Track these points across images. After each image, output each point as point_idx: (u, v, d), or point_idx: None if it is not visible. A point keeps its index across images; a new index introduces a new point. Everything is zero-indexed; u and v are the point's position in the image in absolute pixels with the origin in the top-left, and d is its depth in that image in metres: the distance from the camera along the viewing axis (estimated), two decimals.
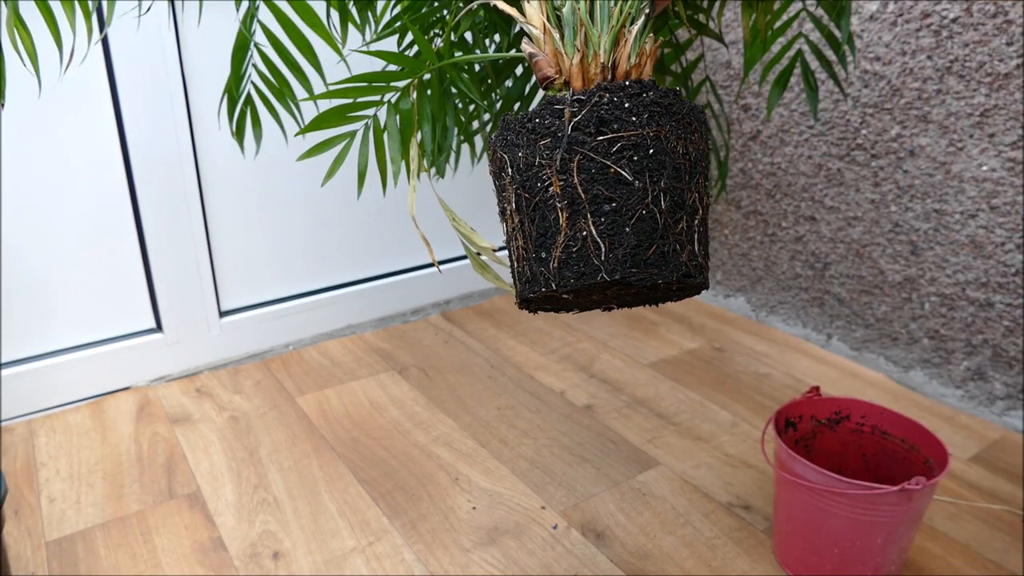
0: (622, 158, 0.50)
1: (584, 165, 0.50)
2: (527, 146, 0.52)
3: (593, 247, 0.50)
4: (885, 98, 1.19)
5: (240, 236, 1.34)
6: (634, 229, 0.50)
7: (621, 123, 0.50)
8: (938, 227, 1.17)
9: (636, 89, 0.51)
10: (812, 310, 1.41)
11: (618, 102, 0.50)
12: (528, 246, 0.53)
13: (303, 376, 1.31)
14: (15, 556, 0.90)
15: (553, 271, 0.51)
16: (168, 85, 1.17)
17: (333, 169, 0.69)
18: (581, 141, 0.50)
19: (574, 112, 0.50)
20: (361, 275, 1.50)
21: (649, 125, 0.50)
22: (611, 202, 0.50)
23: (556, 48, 0.54)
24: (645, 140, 0.50)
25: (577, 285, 0.50)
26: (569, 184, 0.50)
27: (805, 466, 0.78)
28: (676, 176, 0.51)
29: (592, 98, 0.50)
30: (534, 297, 0.54)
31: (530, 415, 1.19)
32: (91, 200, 1.18)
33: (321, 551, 0.91)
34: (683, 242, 0.51)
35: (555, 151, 0.50)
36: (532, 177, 0.51)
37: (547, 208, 0.51)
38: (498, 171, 0.55)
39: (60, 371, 1.20)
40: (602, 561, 0.89)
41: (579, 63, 0.53)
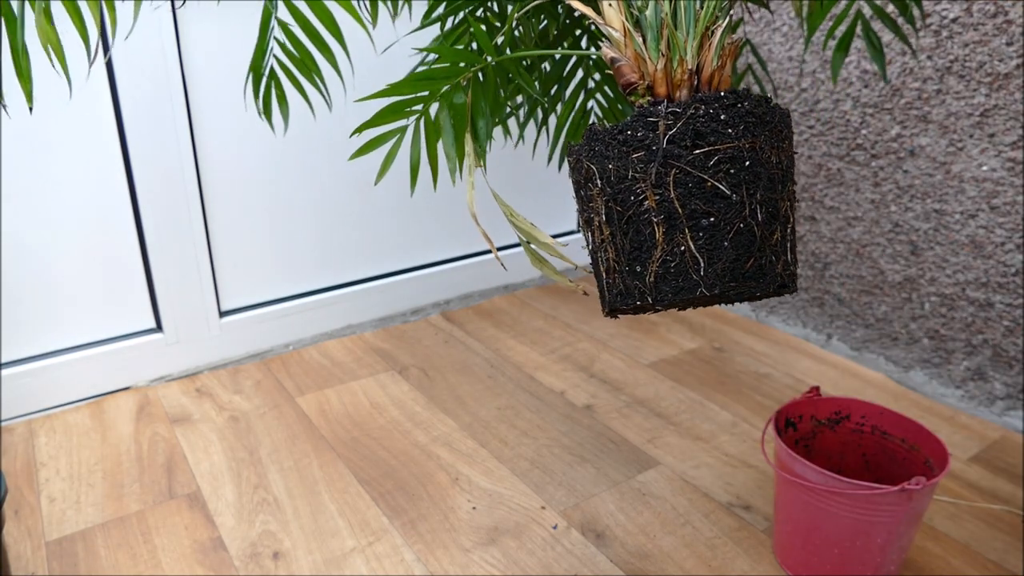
0: (719, 171, 0.49)
1: (681, 179, 0.49)
2: (618, 158, 0.51)
3: (692, 262, 0.49)
4: (885, 98, 1.19)
5: (240, 236, 1.34)
6: (732, 243, 0.49)
7: (717, 136, 0.49)
8: (938, 227, 1.17)
9: (731, 100, 0.50)
10: (812, 310, 1.41)
11: (714, 114, 0.49)
12: (620, 259, 0.52)
13: (303, 376, 1.31)
14: (15, 556, 0.90)
15: (650, 285, 0.51)
16: (168, 85, 1.17)
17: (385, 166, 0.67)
18: (677, 155, 0.49)
19: (669, 125, 0.49)
20: (361, 275, 1.50)
21: (745, 137, 0.49)
22: (709, 216, 0.49)
23: (638, 52, 0.53)
24: (741, 152, 0.49)
25: (675, 300, 0.50)
26: (666, 198, 0.49)
27: (805, 466, 0.78)
28: (771, 187, 0.51)
29: (688, 110, 0.49)
30: (627, 308, 0.54)
31: (530, 415, 1.19)
32: (91, 200, 1.18)
33: (321, 551, 0.91)
34: (778, 253, 0.51)
35: (650, 164, 0.50)
36: (625, 190, 0.51)
37: (642, 222, 0.50)
38: (584, 181, 0.54)
39: (60, 371, 1.20)
40: (602, 561, 0.89)
41: (664, 68, 0.52)
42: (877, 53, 0.84)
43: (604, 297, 0.56)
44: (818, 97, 1.29)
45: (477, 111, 0.66)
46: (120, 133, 1.17)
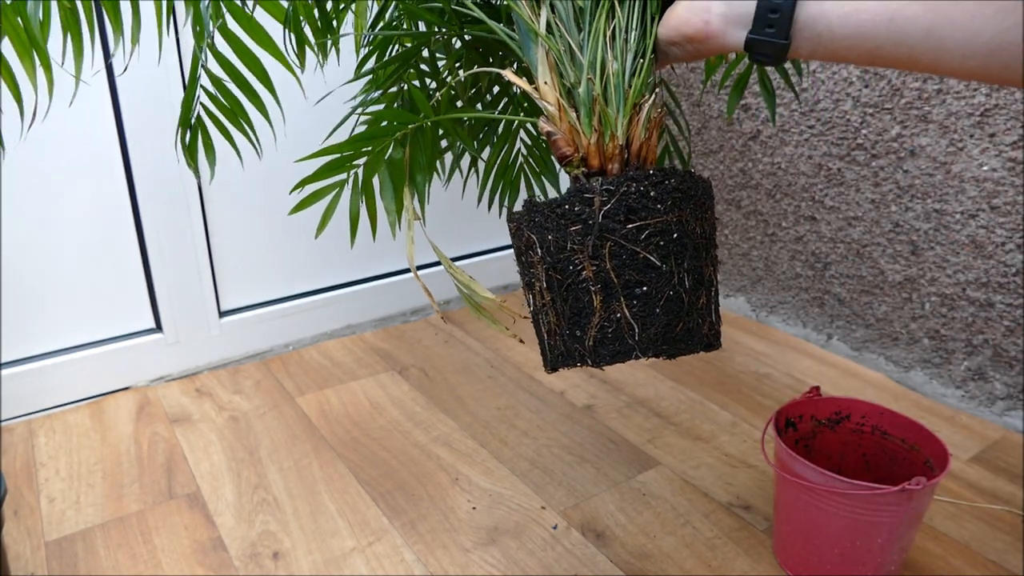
0: (650, 244, 0.52)
1: (616, 251, 0.52)
2: (556, 230, 0.54)
3: (627, 328, 0.53)
4: (885, 98, 1.19)
5: (240, 236, 1.34)
6: (664, 309, 0.53)
7: (648, 211, 0.52)
8: (938, 227, 1.17)
9: (659, 177, 0.53)
10: (812, 310, 1.41)
11: (644, 191, 0.53)
12: (561, 323, 0.55)
13: (303, 376, 1.31)
14: (15, 556, 0.90)
15: (589, 348, 0.54)
16: (168, 84, 1.17)
17: (324, 222, 0.69)
18: (612, 229, 0.52)
19: (604, 201, 0.53)
20: (361, 275, 1.50)
21: (672, 211, 0.53)
22: (642, 286, 0.52)
23: (572, 126, 0.56)
24: (669, 226, 0.53)
25: (612, 362, 0.54)
26: (602, 269, 0.53)
27: (805, 466, 0.78)
28: (696, 255, 0.54)
29: (620, 188, 0.53)
30: (568, 367, 0.57)
31: (530, 415, 1.19)
32: (91, 200, 1.18)
33: (321, 551, 0.91)
34: (704, 315, 0.55)
35: (587, 237, 0.53)
36: (564, 260, 0.54)
37: (580, 290, 0.54)
38: (525, 248, 0.57)
39: (60, 371, 1.20)
40: (602, 561, 0.89)
41: (596, 142, 0.55)
42: (769, 97, 0.88)
43: (546, 356, 0.59)
44: (818, 97, 1.29)
45: (415, 166, 0.69)
46: (120, 133, 1.17)
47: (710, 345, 0.56)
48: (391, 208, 0.68)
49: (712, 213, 0.57)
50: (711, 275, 0.56)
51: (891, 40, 0.49)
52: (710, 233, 0.56)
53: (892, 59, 0.50)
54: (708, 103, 1.48)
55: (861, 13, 0.49)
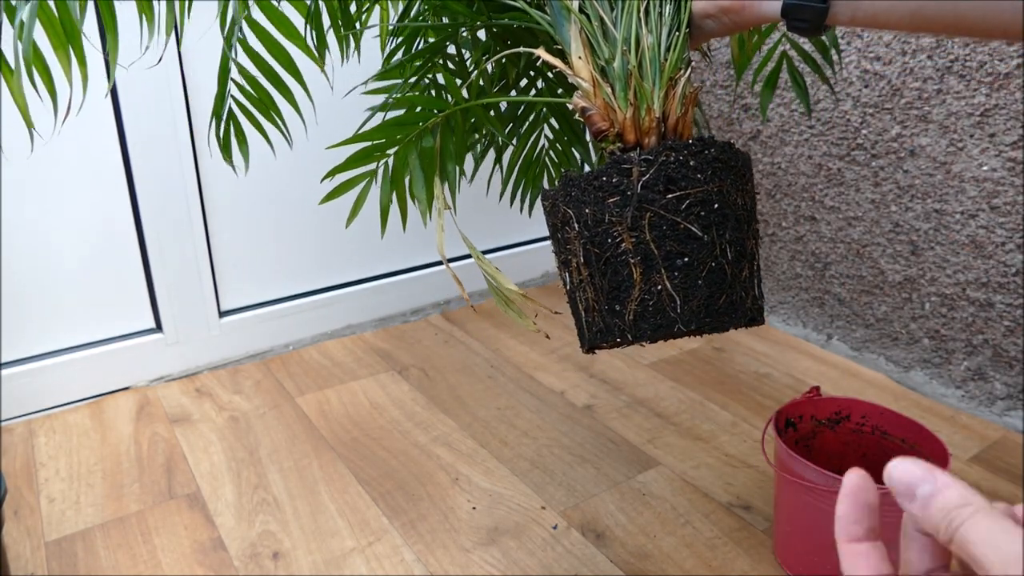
0: (691, 214, 0.51)
1: (655, 222, 0.51)
2: (594, 203, 0.53)
3: (668, 301, 0.51)
4: (885, 98, 1.19)
5: (240, 236, 1.34)
6: (706, 281, 0.51)
7: (688, 180, 0.51)
8: (938, 227, 1.17)
9: (699, 147, 0.52)
10: (812, 310, 1.41)
11: (684, 160, 0.52)
12: (599, 298, 0.54)
13: (303, 376, 1.31)
14: (15, 556, 0.90)
15: (629, 323, 0.53)
16: (168, 85, 1.17)
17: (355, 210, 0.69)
18: (651, 199, 0.51)
19: (642, 171, 0.52)
20: (361, 275, 1.50)
21: (713, 181, 0.52)
22: (683, 257, 0.51)
23: (607, 101, 0.55)
24: (710, 196, 0.52)
25: (653, 337, 0.52)
26: (642, 240, 0.51)
27: (805, 466, 0.78)
28: (738, 227, 0.53)
29: (659, 157, 0.52)
30: (606, 345, 0.56)
31: (530, 415, 1.19)
32: (91, 200, 1.18)
33: (321, 551, 0.91)
34: (747, 288, 0.54)
35: (625, 209, 0.52)
36: (602, 233, 0.53)
37: (619, 263, 0.52)
38: (560, 224, 0.56)
39: (60, 371, 1.20)
40: (602, 561, 0.89)
41: (632, 116, 0.54)
42: (801, 92, 0.87)
43: (583, 335, 0.58)
44: (818, 97, 1.29)
45: (446, 154, 0.68)
46: (120, 132, 1.17)
47: (753, 320, 0.54)
48: (422, 197, 0.67)
49: (752, 186, 0.56)
50: (753, 248, 0.55)
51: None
52: (751, 206, 0.55)
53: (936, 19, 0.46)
54: (708, 103, 1.48)
55: None
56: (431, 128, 0.66)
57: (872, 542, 0.30)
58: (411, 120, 0.65)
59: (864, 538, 0.30)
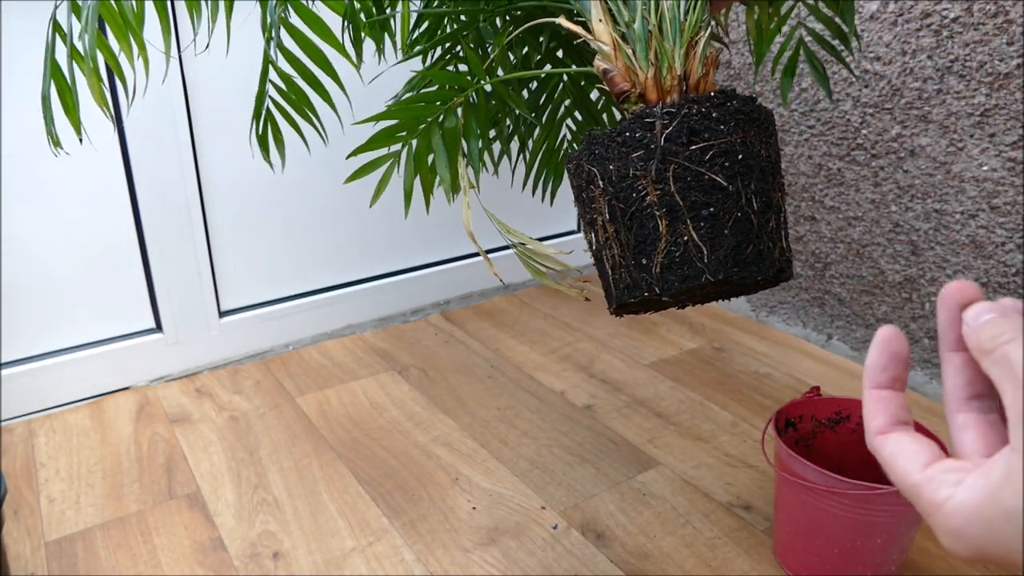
0: (715, 165, 0.51)
1: (680, 174, 0.51)
2: (618, 159, 0.53)
3: (695, 251, 0.52)
4: (885, 98, 1.19)
5: (240, 236, 1.34)
6: (732, 231, 0.52)
7: (711, 132, 0.52)
8: (938, 227, 1.17)
9: (721, 99, 0.53)
10: (812, 310, 1.41)
11: (706, 112, 0.52)
12: (626, 254, 0.54)
13: (303, 376, 1.31)
14: (15, 556, 0.90)
15: (656, 276, 0.53)
16: (168, 87, 1.17)
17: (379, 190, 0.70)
18: (675, 151, 0.51)
19: (665, 124, 0.52)
20: (361, 275, 1.50)
21: (736, 132, 0.52)
22: (708, 207, 0.51)
23: (628, 63, 0.56)
24: (734, 146, 0.52)
25: (681, 288, 0.52)
26: (667, 192, 0.52)
27: (805, 466, 0.78)
28: (763, 178, 0.53)
29: (682, 110, 0.52)
30: (634, 302, 0.56)
31: (530, 415, 1.19)
32: (91, 200, 1.18)
33: (321, 551, 0.91)
34: (775, 239, 0.54)
35: (650, 162, 0.52)
36: (627, 188, 0.53)
37: (645, 216, 0.52)
38: (585, 184, 0.56)
39: (60, 371, 1.20)
40: (602, 561, 0.89)
41: (654, 76, 0.55)
42: (822, 77, 0.87)
43: (611, 294, 0.57)
44: (818, 97, 1.29)
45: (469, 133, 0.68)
46: (120, 132, 1.17)
47: (781, 271, 0.54)
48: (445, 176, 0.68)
49: (776, 141, 0.56)
50: (779, 200, 0.55)
51: None
52: (775, 159, 0.56)
53: None
54: None
55: None
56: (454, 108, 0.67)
57: (895, 391, 0.32)
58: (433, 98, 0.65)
59: (888, 386, 0.32)
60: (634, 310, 0.59)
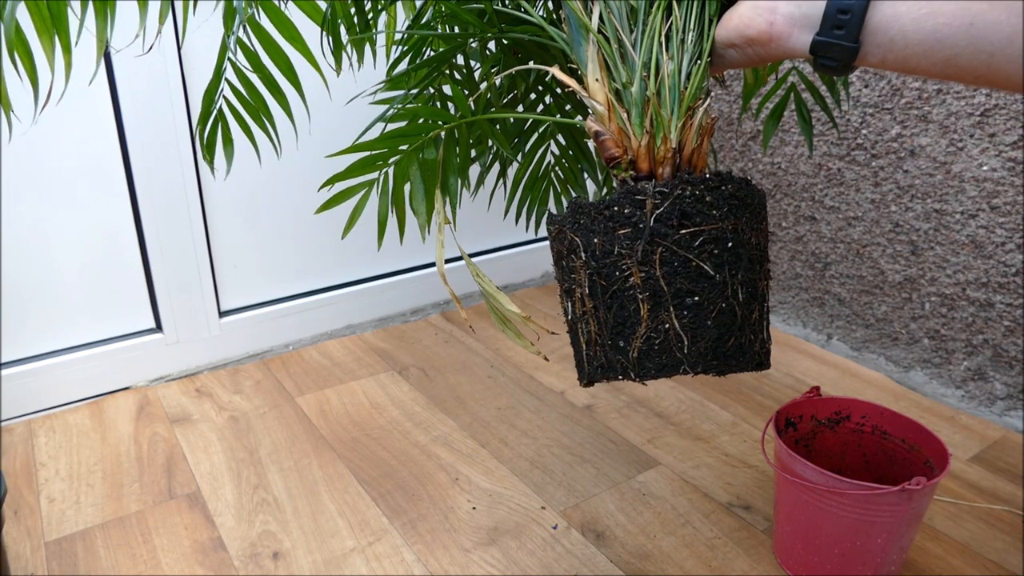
0: (704, 252, 0.50)
1: (667, 258, 0.50)
2: (604, 233, 0.51)
3: (676, 340, 0.50)
4: (885, 98, 1.19)
5: (240, 236, 1.34)
6: (715, 322, 0.50)
7: (703, 216, 0.50)
8: (938, 227, 1.17)
9: (716, 182, 0.51)
10: (812, 310, 1.41)
11: (700, 195, 0.50)
12: (602, 332, 0.53)
13: (303, 376, 1.31)
14: (14, 556, 0.90)
15: (633, 361, 0.51)
16: (168, 84, 1.17)
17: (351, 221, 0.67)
18: (664, 234, 0.50)
19: (656, 204, 0.50)
20: (361, 275, 1.50)
21: (728, 218, 0.50)
22: (693, 295, 0.50)
23: (622, 127, 0.54)
24: (725, 233, 0.50)
25: (657, 376, 0.51)
26: (651, 276, 0.50)
27: (805, 466, 0.78)
28: (751, 267, 0.51)
29: (675, 191, 0.50)
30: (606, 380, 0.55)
31: (530, 415, 1.19)
32: (91, 200, 1.18)
33: (321, 551, 0.91)
34: (756, 331, 0.52)
35: (636, 241, 0.50)
36: (610, 265, 0.51)
37: (627, 298, 0.51)
38: (567, 252, 0.54)
39: (60, 371, 1.20)
40: (602, 561, 0.89)
41: (647, 145, 0.53)
42: (806, 126, 0.86)
43: (583, 368, 0.56)
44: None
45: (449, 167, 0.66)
46: (120, 132, 1.17)
47: (760, 364, 0.53)
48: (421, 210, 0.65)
49: (766, 225, 0.54)
50: (764, 289, 0.53)
51: (970, 47, 0.45)
52: (764, 245, 0.54)
53: (969, 69, 0.46)
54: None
55: (938, 16, 0.46)
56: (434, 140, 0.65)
57: None
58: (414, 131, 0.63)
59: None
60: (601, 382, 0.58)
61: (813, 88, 0.85)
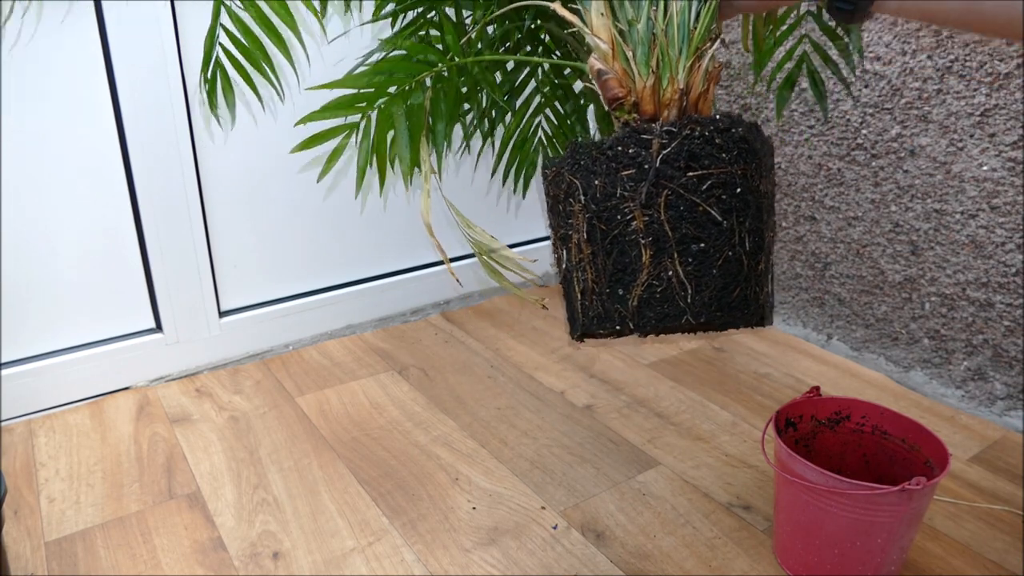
0: (712, 196, 0.47)
1: (672, 201, 0.47)
2: (606, 174, 0.49)
3: (679, 288, 0.47)
4: (885, 98, 1.19)
5: (240, 236, 1.34)
6: (721, 271, 0.48)
7: (712, 159, 0.47)
8: (938, 227, 1.17)
9: (726, 124, 0.48)
10: (812, 310, 1.41)
11: (709, 137, 0.47)
12: (600, 280, 0.50)
13: (303, 376, 1.31)
14: (14, 556, 0.90)
15: (632, 310, 0.49)
16: (167, 84, 1.17)
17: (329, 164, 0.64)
18: (670, 176, 0.47)
19: (663, 144, 0.47)
20: (361, 275, 1.50)
21: (737, 163, 0.48)
22: (699, 242, 0.47)
23: (626, 67, 0.51)
24: (734, 178, 0.48)
25: (657, 327, 0.48)
26: (655, 220, 0.47)
27: (805, 466, 0.78)
28: (758, 216, 0.49)
29: (683, 131, 0.47)
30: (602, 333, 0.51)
31: (530, 415, 1.19)
32: (91, 200, 1.18)
33: (321, 551, 0.91)
34: (762, 283, 0.50)
35: (640, 184, 0.47)
36: (611, 209, 0.48)
37: (627, 243, 0.48)
38: (564, 196, 0.52)
39: (60, 371, 1.20)
40: (602, 561, 0.89)
41: (653, 86, 0.50)
42: (820, 94, 0.83)
43: (576, 320, 0.53)
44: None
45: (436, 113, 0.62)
46: (119, 132, 1.17)
47: (762, 318, 0.50)
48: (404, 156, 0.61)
49: (774, 175, 0.52)
50: (771, 241, 0.51)
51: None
52: (772, 195, 0.51)
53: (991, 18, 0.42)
54: None
55: None
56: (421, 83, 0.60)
57: None
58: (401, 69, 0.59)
59: None
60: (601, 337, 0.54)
61: (825, 56, 0.81)
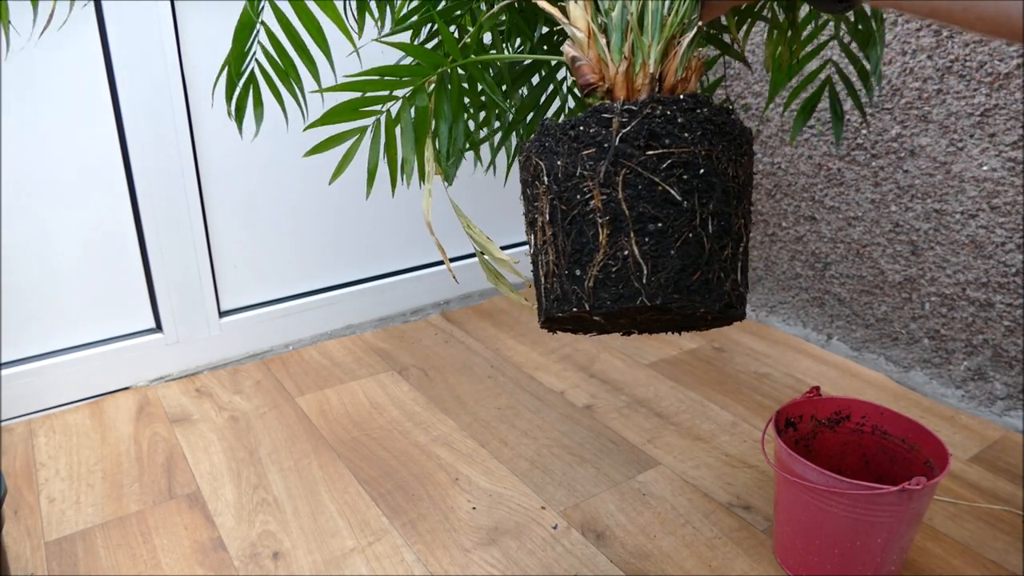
0: (671, 176, 0.46)
1: (630, 180, 0.46)
2: (568, 155, 0.48)
3: (634, 268, 0.46)
4: (885, 98, 1.19)
5: (240, 236, 1.34)
6: (679, 252, 0.46)
7: (673, 139, 0.46)
8: (938, 227, 1.17)
9: (690, 104, 0.47)
10: (812, 310, 1.41)
11: (671, 116, 0.47)
12: (560, 261, 0.49)
13: (303, 376, 1.31)
14: (14, 556, 0.90)
15: (588, 290, 0.48)
16: (168, 85, 1.17)
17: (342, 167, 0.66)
18: (629, 154, 0.46)
19: (623, 123, 0.47)
20: (361, 275, 1.50)
21: (701, 143, 0.47)
22: (657, 222, 0.46)
23: (600, 54, 0.51)
24: (696, 159, 0.47)
25: (613, 308, 0.47)
26: (612, 199, 0.47)
27: (805, 466, 0.78)
28: (725, 200, 0.48)
29: (643, 109, 0.47)
30: (561, 316, 0.50)
31: (530, 415, 1.19)
32: (91, 200, 1.18)
33: (321, 551, 0.91)
34: (727, 270, 0.49)
35: (599, 162, 0.47)
36: (571, 188, 0.48)
37: (586, 223, 0.47)
38: (531, 179, 0.51)
39: (60, 371, 1.20)
40: (602, 561, 0.89)
41: (625, 72, 0.50)
42: (838, 121, 0.82)
43: (541, 305, 0.53)
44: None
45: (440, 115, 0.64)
46: (120, 132, 1.17)
47: (730, 307, 0.48)
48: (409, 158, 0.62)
49: (750, 161, 0.50)
50: (741, 228, 0.49)
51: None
52: (745, 181, 0.50)
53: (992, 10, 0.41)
54: None
55: None
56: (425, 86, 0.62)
57: None
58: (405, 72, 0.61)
59: None
60: (567, 327, 0.54)
61: (849, 84, 0.82)
